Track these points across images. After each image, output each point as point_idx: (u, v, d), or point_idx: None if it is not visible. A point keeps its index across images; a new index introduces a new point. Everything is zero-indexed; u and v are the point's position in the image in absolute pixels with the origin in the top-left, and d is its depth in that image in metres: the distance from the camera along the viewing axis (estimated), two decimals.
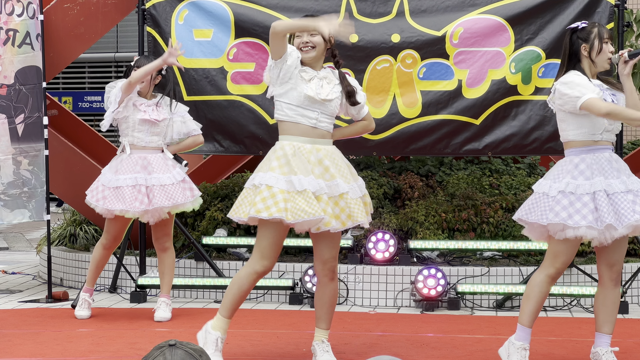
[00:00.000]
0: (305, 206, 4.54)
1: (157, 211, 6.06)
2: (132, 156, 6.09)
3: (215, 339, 4.74)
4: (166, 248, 6.30)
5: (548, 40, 6.80)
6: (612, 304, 4.67)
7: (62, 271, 7.85)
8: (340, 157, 4.80)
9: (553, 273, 4.63)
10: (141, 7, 7.13)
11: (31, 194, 7.13)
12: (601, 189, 4.49)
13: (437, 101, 6.91)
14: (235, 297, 4.78)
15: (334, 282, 4.89)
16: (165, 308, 6.20)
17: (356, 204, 4.72)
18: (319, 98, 4.69)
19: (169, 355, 3.48)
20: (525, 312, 4.63)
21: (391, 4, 6.93)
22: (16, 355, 5.13)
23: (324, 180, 4.66)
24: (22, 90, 7.03)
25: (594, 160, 4.56)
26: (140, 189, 5.99)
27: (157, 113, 6.09)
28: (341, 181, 4.68)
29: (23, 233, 13.01)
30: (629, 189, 4.50)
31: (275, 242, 4.71)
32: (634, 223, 4.42)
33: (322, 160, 4.69)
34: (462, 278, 6.79)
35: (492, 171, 8.19)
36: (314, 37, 4.74)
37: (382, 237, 6.94)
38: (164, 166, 6.10)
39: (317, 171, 4.66)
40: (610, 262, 4.64)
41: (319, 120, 4.72)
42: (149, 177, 6.04)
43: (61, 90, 18.88)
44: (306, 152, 4.68)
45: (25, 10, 7.02)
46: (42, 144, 7.10)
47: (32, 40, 7.06)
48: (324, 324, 4.92)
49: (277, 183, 4.58)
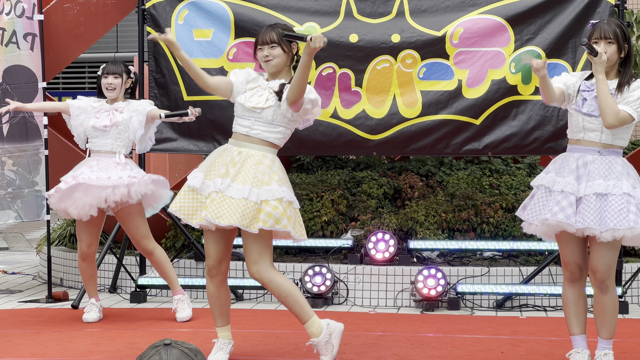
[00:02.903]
0: (178, 201, 4.81)
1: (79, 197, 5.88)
2: (88, 159, 6.10)
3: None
4: (150, 251, 6.18)
5: (548, 40, 6.80)
6: (602, 311, 4.64)
7: (62, 271, 7.84)
8: (256, 162, 4.76)
9: (567, 276, 4.67)
10: (141, 7, 7.13)
11: (16, 194, 7.09)
12: (543, 184, 4.60)
13: (437, 101, 6.91)
14: (209, 304, 5.02)
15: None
16: (183, 306, 6.20)
17: (225, 202, 4.68)
18: (248, 106, 4.83)
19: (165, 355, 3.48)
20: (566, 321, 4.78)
21: (391, 4, 6.93)
22: (16, 355, 5.13)
23: (221, 178, 4.76)
24: (8, 89, 7.01)
25: (563, 158, 4.64)
26: (67, 179, 5.96)
27: (108, 118, 6.06)
28: (228, 180, 4.73)
29: (23, 233, 13.01)
30: (563, 189, 4.50)
31: (209, 239, 4.87)
32: (542, 220, 4.52)
33: (236, 162, 4.78)
34: (462, 278, 6.79)
35: (492, 171, 8.19)
36: (274, 50, 4.86)
37: (382, 237, 6.94)
38: (112, 167, 6.00)
39: (223, 170, 4.78)
40: (592, 269, 4.62)
41: (251, 128, 4.83)
42: (90, 173, 5.95)
43: (61, 90, 18.86)
44: (229, 153, 4.85)
45: (13, 8, 6.99)
46: (27, 145, 7.06)
47: (19, 39, 7.02)
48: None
49: (192, 180, 4.83)
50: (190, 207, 4.80)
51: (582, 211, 4.46)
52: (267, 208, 4.68)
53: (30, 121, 7.06)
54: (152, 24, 7.12)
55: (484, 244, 7.04)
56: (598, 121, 4.54)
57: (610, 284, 4.59)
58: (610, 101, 4.44)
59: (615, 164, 4.55)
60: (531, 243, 6.95)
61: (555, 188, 4.54)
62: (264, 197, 4.69)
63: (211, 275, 4.92)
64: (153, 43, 7.11)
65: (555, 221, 4.47)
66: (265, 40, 4.84)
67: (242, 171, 4.74)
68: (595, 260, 4.57)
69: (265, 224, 4.66)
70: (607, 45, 4.51)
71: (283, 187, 4.74)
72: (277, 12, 6.96)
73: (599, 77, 4.46)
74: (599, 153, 4.56)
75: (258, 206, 4.68)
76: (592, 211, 4.44)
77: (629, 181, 4.52)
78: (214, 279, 4.93)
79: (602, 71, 4.45)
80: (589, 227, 4.44)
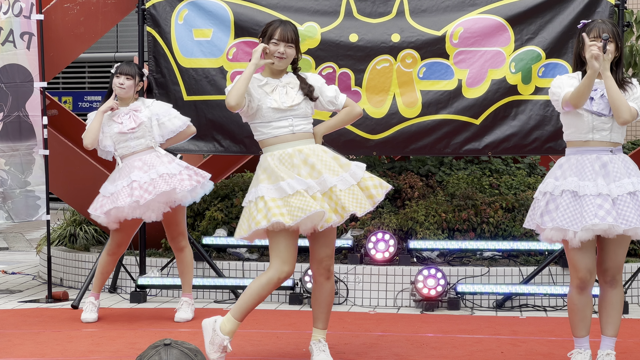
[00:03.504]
0: (301, 204, 4.59)
1: (154, 202, 5.95)
2: (127, 162, 6.07)
3: (221, 340, 4.74)
4: (182, 247, 6.25)
5: (548, 40, 6.80)
6: (610, 305, 4.63)
7: (62, 271, 7.84)
8: (323, 151, 4.81)
9: (577, 283, 4.58)
10: (141, 7, 7.13)
11: (7, 194, 7.07)
12: (569, 189, 4.48)
13: (437, 101, 6.91)
14: (254, 302, 4.79)
15: (330, 281, 4.90)
16: (187, 308, 6.21)
17: (347, 194, 4.70)
18: (285, 107, 4.78)
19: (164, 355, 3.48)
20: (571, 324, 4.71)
21: (391, 3, 6.93)
22: (16, 355, 5.13)
23: (312, 178, 4.69)
24: (2, 88, 7.00)
25: (577, 161, 4.55)
26: (132, 185, 5.95)
27: (132, 121, 6.07)
28: (328, 175, 4.70)
29: (23, 233, 13.01)
30: (599, 192, 4.42)
31: (289, 244, 4.73)
32: (589, 227, 4.38)
33: (306, 160, 4.74)
34: (462, 278, 6.79)
35: (492, 171, 8.18)
36: (289, 49, 4.84)
37: (382, 237, 6.94)
38: (159, 162, 6.06)
39: (304, 172, 4.70)
40: (604, 267, 4.60)
41: (293, 125, 4.80)
42: (145, 174, 5.99)
43: (61, 90, 18.85)
44: (289, 157, 4.74)
45: (10, 8, 6.98)
46: (21, 144, 7.04)
47: (16, 38, 7.01)
48: (321, 323, 4.93)
49: (269, 193, 4.66)
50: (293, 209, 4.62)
51: (622, 212, 4.41)
52: (369, 182, 4.80)
53: (24, 120, 7.04)
54: (152, 24, 7.12)
55: (484, 244, 7.04)
56: (608, 120, 4.52)
57: (620, 279, 4.61)
58: (622, 97, 4.45)
59: (628, 161, 4.57)
60: (531, 243, 6.95)
61: (587, 192, 4.44)
62: (360, 175, 4.79)
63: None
64: (153, 43, 7.11)
65: (607, 225, 4.37)
66: (286, 38, 4.80)
67: (324, 164, 4.73)
68: (612, 259, 4.57)
69: (379, 196, 4.79)
70: (608, 43, 4.53)
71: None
72: (277, 12, 6.96)
73: (607, 75, 4.44)
74: (612, 152, 4.55)
75: (362, 184, 4.79)
76: (632, 211, 4.40)
77: None
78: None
79: (608, 68, 4.44)
80: (635, 227, 4.39)
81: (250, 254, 7.33)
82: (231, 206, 7.53)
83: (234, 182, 7.91)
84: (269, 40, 4.82)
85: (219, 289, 7.03)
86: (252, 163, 8.64)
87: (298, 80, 4.89)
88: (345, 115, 5.02)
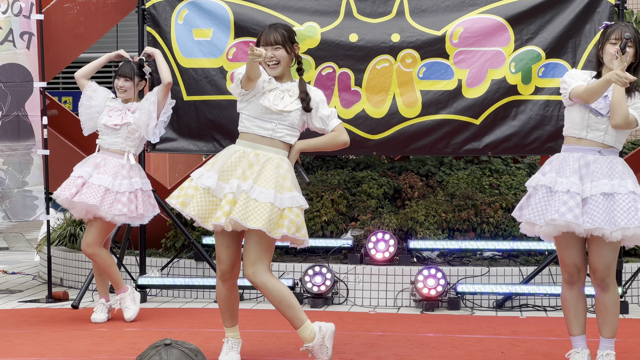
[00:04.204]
0: (195, 203, 4.70)
1: (78, 206, 5.94)
2: (96, 155, 6.11)
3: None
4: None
5: (548, 40, 6.80)
6: (604, 309, 4.62)
7: (62, 271, 7.84)
8: (275, 166, 4.73)
9: (565, 277, 4.64)
10: (141, 7, 7.13)
11: (4, 194, 7.06)
12: (544, 184, 4.53)
13: (437, 101, 6.91)
14: (220, 306, 4.95)
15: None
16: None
17: (252, 204, 4.62)
18: (275, 109, 4.75)
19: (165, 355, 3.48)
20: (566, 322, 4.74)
21: (391, 3, 6.93)
22: (16, 355, 5.13)
23: (240, 180, 4.68)
24: (1, 87, 6.99)
25: (563, 158, 4.58)
26: (76, 180, 5.96)
27: (120, 118, 6.07)
28: (250, 182, 4.66)
29: (23, 233, 13.00)
30: (569, 189, 4.43)
31: (221, 243, 4.82)
32: (549, 221, 4.44)
33: (253, 165, 4.72)
34: (462, 278, 6.79)
35: (492, 171, 8.18)
36: (278, 51, 4.81)
37: (382, 237, 6.94)
38: (116, 171, 6.01)
39: (240, 171, 4.70)
40: (592, 268, 4.61)
41: (275, 131, 4.78)
42: (95, 175, 5.97)
43: (61, 90, 18.82)
44: (245, 155, 4.75)
45: (10, 7, 6.98)
46: (19, 144, 7.04)
47: (15, 38, 7.00)
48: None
49: (207, 180, 4.73)
50: (206, 209, 4.72)
51: (590, 211, 4.42)
52: (290, 215, 4.69)
53: (23, 120, 7.04)
54: (152, 24, 7.12)
55: (484, 244, 7.04)
56: (604, 120, 4.52)
57: (611, 283, 4.59)
58: (624, 103, 4.44)
59: (616, 163, 4.56)
60: (531, 243, 6.95)
61: (559, 188, 4.48)
62: (287, 204, 4.69)
63: (224, 279, 4.86)
64: (153, 43, 7.11)
65: (563, 221, 4.41)
66: (270, 41, 4.78)
67: (262, 174, 4.69)
68: (596, 260, 4.56)
69: (289, 231, 4.66)
70: (628, 45, 4.52)
71: (300, 194, 4.78)
72: (277, 12, 6.96)
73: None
74: (600, 153, 4.56)
75: (280, 212, 4.67)
76: (600, 211, 4.41)
77: (631, 179, 4.53)
78: (227, 283, 4.88)
79: (624, 69, 4.44)
80: (599, 227, 4.40)
81: None
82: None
83: None
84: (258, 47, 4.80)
85: None
86: None
87: (299, 89, 4.84)
88: (330, 139, 4.93)
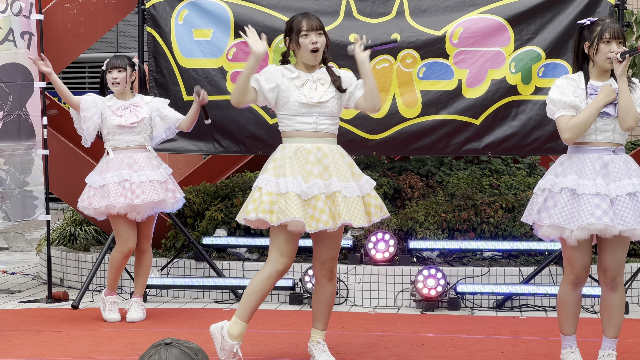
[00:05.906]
0: (285, 207, 4.58)
1: (144, 207, 6.02)
2: (118, 156, 6.12)
3: (231, 346, 4.74)
4: (145, 250, 6.26)
5: (548, 40, 6.80)
6: (610, 308, 4.63)
7: (62, 271, 7.84)
8: (341, 155, 4.78)
9: (571, 279, 4.60)
10: (141, 7, 7.13)
11: (5, 194, 7.05)
12: (568, 187, 4.46)
13: (437, 101, 6.91)
14: (257, 300, 4.76)
15: (332, 282, 4.89)
16: (137, 308, 6.21)
17: (347, 202, 4.66)
18: (313, 102, 4.72)
19: (165, 354, 3.47)
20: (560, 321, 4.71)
21: (391, 3, 6.93)
22: (16, 355, 5.13)
23: (322, 179, 4.66)
24: (2, 87, 6.99)
25: (578, 159, 4.53)
26: (124, 185, 5.99)
27: (134, 115, 6.10)
28: (335, 179, 4.67)
29: (23, 233, 13.00)
30: (598, 191, 4.40)
31: (289, 238, 4.71)
32: (585, 226, 4.37)
33: (321, 160, 4.70)
34: (462, 278, 6.79)
35: (492, 171, 8.18)
36: (320, 37, 4.78)
37: (382, 237, 6.94)
38: (149, 164, 6.11)
39: (317, 170, 4.67)
40: (603, 267, 4.59)
41: (317, 123, 4.74)
42: (135, 174, 6.04)
43: None
44: (306, 152, 4.70)
45: (9, 7, 6.97)
46: (20, 144, 7.03)
47: (16, 37, 6.99)
48: (320, 324, 4.92)
49: (267, 185, 4.65)
50: (305, 213, 4.61)
51: (620, 213, 4.39)
52: (372, 200, 4.77)
53: (24, 120, 7.03)
54: (152, 24, 7.12)
55: (484, 244, 7.04)
56: (611, 120, 4.49)
57: (620, 282, 4.60)
58: (633, 103, 4.43)
59: (630, 161, 4.55)
60: (531, 243, 6.95)
61: (585, 191, 4.42)
62: (367, 191, 4.77)
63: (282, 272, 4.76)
64: (153, 43, 7.11)
65: (602, 225, 4.35)
66: (314, 26, 4.72)
67: (338, 169, 4.70)
68: (609, 259, 4.55)
69: (376, 217, 4.76)
70: (618, 45, 4.49)
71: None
72: (277, 12, 6.96)
73: (623, 79, 4.43)
74: (614, 152, 4.53)
75: (365, 200, 4.75)
76: (630, 211, 4.39)
77: None
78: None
79: (625, 72, 4.43)
80: (632, 228, 4.38)
81: (250, 254, 7.33)
82: (231, 206, 7.53)
83: (234, 182, 7.91)
84: (298, 35, 4.72)
85: (219, 289, 7.03)
86: (252, 163, 8.64)
87: (329, 75, 4.82)
88: (377, 87, 4.83)
